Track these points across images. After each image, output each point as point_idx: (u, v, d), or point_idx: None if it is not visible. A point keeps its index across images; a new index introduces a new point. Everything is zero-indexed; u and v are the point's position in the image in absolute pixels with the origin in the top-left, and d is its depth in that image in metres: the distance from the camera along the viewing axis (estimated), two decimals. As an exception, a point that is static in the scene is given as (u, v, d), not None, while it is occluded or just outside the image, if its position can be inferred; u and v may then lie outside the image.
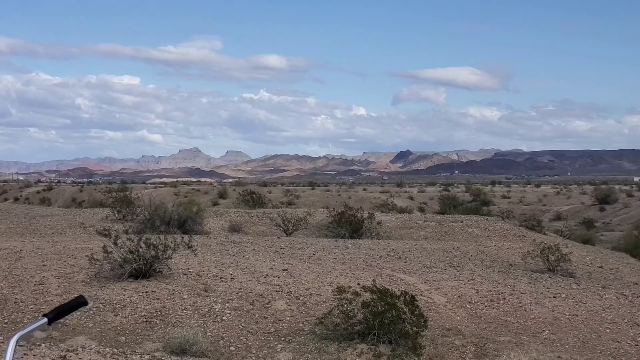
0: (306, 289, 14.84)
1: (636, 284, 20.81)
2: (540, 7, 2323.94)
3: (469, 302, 14.99)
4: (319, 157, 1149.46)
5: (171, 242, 15.44)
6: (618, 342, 13.36)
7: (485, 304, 15.00)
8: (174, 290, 14.13)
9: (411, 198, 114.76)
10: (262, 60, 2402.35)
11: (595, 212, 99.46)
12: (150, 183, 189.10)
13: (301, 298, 14.20)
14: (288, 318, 13.11)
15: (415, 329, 12.06)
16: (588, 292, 16.99)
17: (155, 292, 13.93)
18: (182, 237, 16.59)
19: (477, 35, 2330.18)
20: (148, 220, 26.58)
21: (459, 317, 13.96)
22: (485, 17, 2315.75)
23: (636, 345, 13.31)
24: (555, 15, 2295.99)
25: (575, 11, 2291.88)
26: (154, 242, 15.19)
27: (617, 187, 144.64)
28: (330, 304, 13.09)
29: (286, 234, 28.33)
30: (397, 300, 12.28)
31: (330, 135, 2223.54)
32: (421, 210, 79.21)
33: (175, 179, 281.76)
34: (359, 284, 14.51)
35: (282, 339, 12.16)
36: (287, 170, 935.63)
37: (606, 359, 12.49)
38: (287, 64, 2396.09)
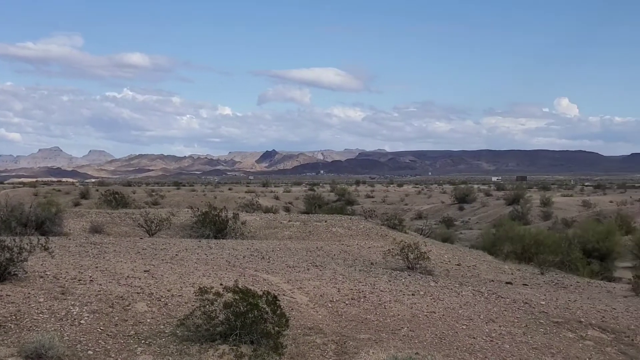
0: (168, 290, 14.64)
1: (492, 281, 21.57)
2: (401, 13, 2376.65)
3: (331, 301, 15.16)
4: (185, 157, 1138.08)
5: (27, 244, 14.92)
6: (474, 338, 13.79)
7: (347, 302, 15.19)
8: (29, 293, 13.66)
9: (277, 198, 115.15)
10: (125, 59, 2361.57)
11: (455, 211, 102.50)
12: (8, 183, 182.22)
13: (162, 299, 14.00)
14: (149, 320, 12.90)
15: (277, 328, 12.10)
16: (446, 290, 17.46)
17: (9, 295, 13.42)
18: (39, 239, 16.06)
19: (341, 37, 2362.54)
20: (3, 221, 25.64)
21: (320, 316, 14.09)
22: (348, 20, 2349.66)
23: (491, 340, 13.77)
24: (415, 21, 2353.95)
25: (435, 17, 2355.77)
26: (9, 245, 14.64)
27: (475, 186, 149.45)
28: (192, 305, 12.98)
29: (149, 234, 27.91)
30: (259, 301, 12.28)
31: (196, 135, 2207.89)
32: (287, 210, 79.61)
33: (34, 179, 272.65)
34: (221, 284, 14.42)
35: (143, 341, 11.95)
36: (152, 170, 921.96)
37: (462, 354, 12.86)
38: (150, 62, 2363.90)
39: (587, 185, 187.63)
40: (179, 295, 14.36)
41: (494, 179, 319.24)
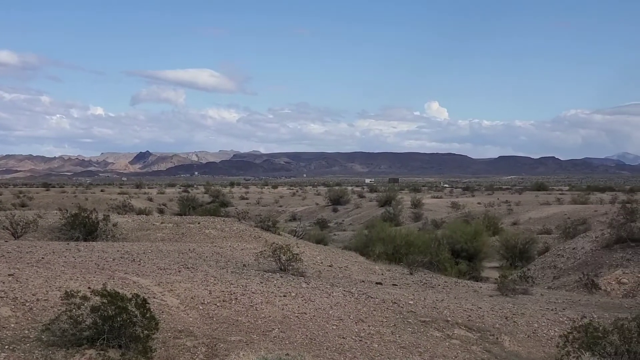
0: (33, 295, 14.20)
1: (363, 281, 21.89)
2: (276, 14, 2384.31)
3: (202, 303, 15.05)
4: (54, 158, 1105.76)
5: None
6: (344, 338, 13.96)
7: (218, 304, 15.12)
8: None
9: (150, 199, 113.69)
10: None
11: (329, 213, 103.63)
12: None
13: (27, 304, 13.57)
14: (13, 325, 12.48)
15: (146, 332, 11.92)
16: (317, 291, 17.59)
17: None
18: None
19: (216, 38, 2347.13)
20: None
21: (191, 319, 13.98)
22: (223, 21, 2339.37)
23: (360, 340, 13.97)
24: (290, 22, 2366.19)
25: (309, 19, 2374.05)
26: None
27: (349, 188, 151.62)
28: (58, 310, 12.63)
29: (14, 237, 27.02)
30: (128, 304, 12.07)
31: (67, 135, 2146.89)
32: (160, 211, 78.66)
33: None
34: (89, 288, 14.10)
35: (6, 347, 11.56)
36: (20, 171, 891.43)
37: (332, 354, 13.00)
38: (18, 60, 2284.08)
39: (456, 187, 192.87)
40: (45, 300, 13.95)
41: (367, 180, 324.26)
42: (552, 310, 19.22)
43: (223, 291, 16.22)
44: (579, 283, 28.66)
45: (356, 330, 14.60)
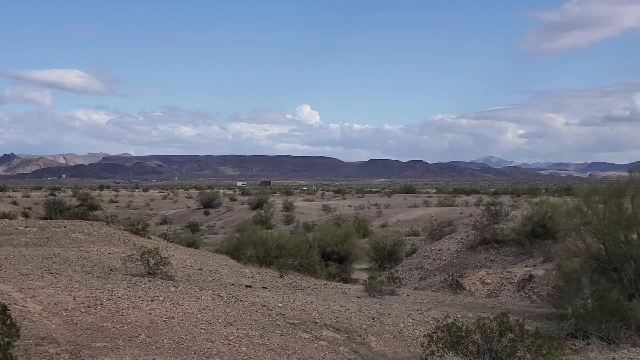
0: None
1: (233, 285, 21.82)
2: (143, 16, 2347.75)
3: (66, 309, 14.66)
4: None
5: None
6: (212, 342, 13.87)
7: (82, 310, 14.77)
8: None
9: (15, 203, 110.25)
10: None
11: (201, 216, 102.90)
12: None
13: None
14: None
15: (6, 339, 11.52)
16: (185, 295, 17.43)
17: None
18: None
19: (84, 37, 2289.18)
20: None
21: (54, 325, 13.60)
22: (92, 20, 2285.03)
23: (229, 344, 13.92)
24: (159, 22, 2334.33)
25: (179, 21, 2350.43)
26: None
27: (221, 191, 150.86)
28: None
29: None
30: (-14, 311, 11.64)
31: None
32: (25, 215, 76.25)
33: None
34: (-55, 295, 13.54)
35: None
36: None
37: (200, 359, 12.90)
38: None
39: (327, 190, 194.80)
40: None
41: (239, 183, 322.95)
42: (417, 310, 19.67)
43: (88, 296, 15.85)
44: (444, 283, 29.43)
45: (225, 333, 14.53)
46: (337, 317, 17.49)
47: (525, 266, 30.73)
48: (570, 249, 20.69)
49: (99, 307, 15.12)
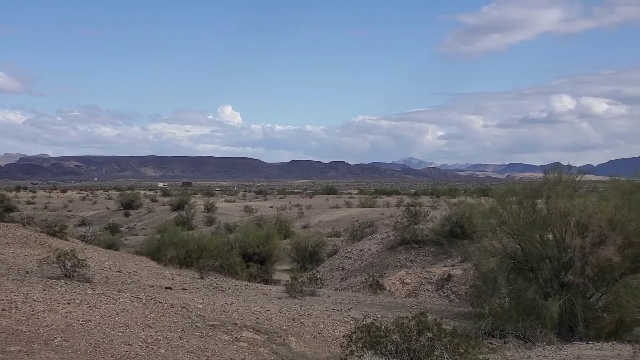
0: None
1: (152, 286, 21.59)
2: (61, 11, 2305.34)
3: (-21, 313, 14.30)
4: None
5: None
6: (130, 344, 13.67)
7: (-3, 314, 14.42)
8: None
9: None
10: None
11: (121, 217, 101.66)
12: None
13: None
14: None
15: None
16: (103, 297, 17.16)
17: None
18: None
19: None
20: None
21: (-34, 330, 13.25)
22: (6, 18, 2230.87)
23: (147, 346, 13.74)
24: (78, 20, 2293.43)
25: (95, 20, 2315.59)
26: None
27: (142, 192, 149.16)
28: None
29: None
30: None
31: None
32: (-64, 217, 74.08)
33: None
34: None
35: None
36: None
37: (117, 361, 12.72)
38: None
39: (249, 191, 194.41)
40: None
41: (160, 184, 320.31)
42: (338, 310, 19.76)
43: (2, 300, 15.47)
44: (365, 284, 29.63)
45: (143, 336, 14.35)
46: (258, 318, 17.46)
47: (444, 266, 31.17)
48: (487, 249, 21.02)
49: (13, 311, 14.77)
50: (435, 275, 29.45)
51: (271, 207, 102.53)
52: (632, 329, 17.40)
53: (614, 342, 17.47)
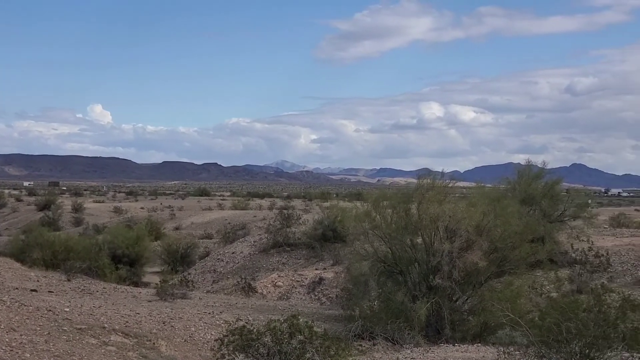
0: None
1: (17, 289, 20.93)
2: None
3: None
4: None
5: None
6: (-7, 348, 13.20)
7: None
8: None
9: None
10: None
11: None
12: None
13: None
14: None
15: None
16: (-36, 300, 16.52)
17: None
18: None
19: None
20: None
21: None
22: None
23: (12, 350, 13.28)
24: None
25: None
26: None
27: (6, 191, 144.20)
28: None
29: None
30: None
31: None
32: None
33: None
34: None
35: None
36: None
37: (-22, 367, 12.25)
38: None
39: (119, 192, 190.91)
40: None
41: (26, 184, 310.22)
42: (209, 313, 19.63)
43: None
44: (237, 286, 29.59)
45: (7, 340, 13.84)
46: (127, 322, 17.13)
47: (316, 269, 31.47)
48: (359, 252, 21.29)
49: None
50: (307, 278, 29.69)
51: (142, 208, 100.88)
52: (496, 332, 17.92)
53: (479, 344, 18.03)
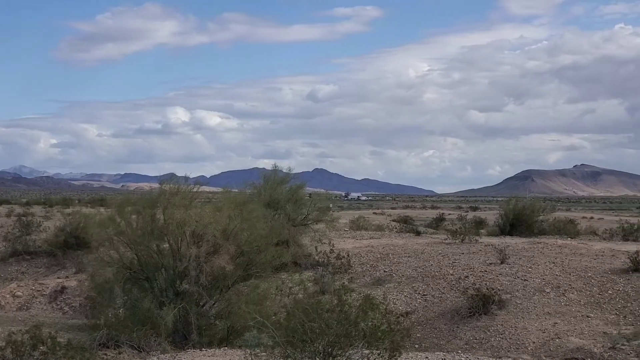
0: None
1: None
2: None
3: None
4: None
5: None
6: None
7: None
8: None
9: None
10: None
11: None
12: None
13: None
14: None
15: None
16: None
17: None
18: None
19: None
20: None
21: None
22: None
23: None
24: None
25: None
26: None
27: None
28: None
29: None
30: None
31: None
32: None
33: None
34: None
35: None
36: None
37: None
38: None
39: None
40: None
41: None
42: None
43: None
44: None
45: None
46: None
47: (58, 277, 30.43)
48: (104, 259, 20.81)
49: None
50: (48, 287, 28.61)
51: None
52: (242, 334, 18.14)
53: (226, 347, 18.20)
